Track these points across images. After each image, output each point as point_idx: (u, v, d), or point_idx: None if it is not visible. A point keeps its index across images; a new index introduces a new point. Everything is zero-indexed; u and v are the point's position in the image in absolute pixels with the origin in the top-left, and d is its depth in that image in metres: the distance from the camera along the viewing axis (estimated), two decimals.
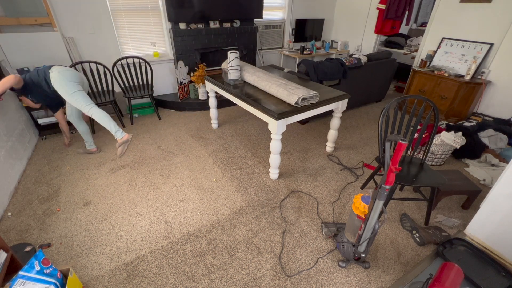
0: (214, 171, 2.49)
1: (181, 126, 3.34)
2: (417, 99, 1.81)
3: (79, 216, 1.98)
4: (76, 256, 1.67)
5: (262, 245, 1.76)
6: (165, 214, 2.00)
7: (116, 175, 2.42)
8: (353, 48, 4.94)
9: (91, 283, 1.52)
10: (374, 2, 4.31)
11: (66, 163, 2.59)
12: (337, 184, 2.34)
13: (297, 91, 2.11)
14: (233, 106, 3.93)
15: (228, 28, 3.83)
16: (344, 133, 3.21)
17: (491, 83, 3.21)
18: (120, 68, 3.25)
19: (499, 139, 2.65)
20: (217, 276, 1.56)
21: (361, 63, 3.38)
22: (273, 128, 2.08)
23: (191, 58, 3.78)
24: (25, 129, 2.78)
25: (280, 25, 4.65)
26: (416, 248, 1.76)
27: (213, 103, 3.08)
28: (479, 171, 2.50)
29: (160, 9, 3.47)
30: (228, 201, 2.13)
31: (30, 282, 1.19)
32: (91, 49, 3.23)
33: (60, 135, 3.10)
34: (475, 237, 1.80)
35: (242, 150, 2.82)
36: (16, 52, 2.76)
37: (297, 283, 1.53)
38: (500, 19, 3.01)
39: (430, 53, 3.70)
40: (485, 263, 1.62)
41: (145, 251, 1.71)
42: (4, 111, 2.46)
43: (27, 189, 2.25)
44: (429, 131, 2.62)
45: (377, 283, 1.54)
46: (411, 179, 1.74)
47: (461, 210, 2.09)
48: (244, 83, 2.67)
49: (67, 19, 2.96)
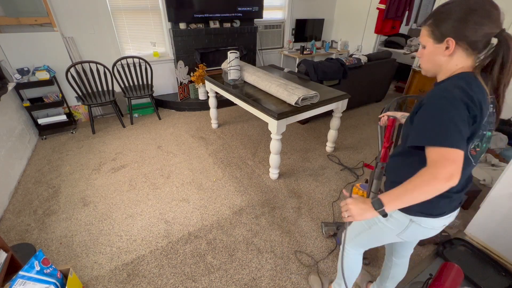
0: (214, 171, 2.49)
1: (181, 126, 3.34)
2: (417, 99, 1.81)
3: (79, 216, 1.98)
4: (76, 256, 1.67)
5: (262, 245, 1.76)
6: (165, 214, 2.00)
7: (116, 175, 2.42)
8: (353, 48, 4.94)
9: (91, 283, 1.52)
10: (374, 2, 4.31)
11: (66, 163, 2.59)
12: (337, 184, 2.34)
13: (297, 91, 2.11)
14: (233, 106, 3.93)
15: (228, 28, 3.83)
16: (344, 133, 3.21)
17: None
18: (120, 68, 3.25)
19: (499, 139, 2.65)
20: (217, 276, 1.56)
21: (361, 63, 3.38)
22: (273, 128, 2.08)
23: (191, 58, 3.78)
24: (25, 129, 2.78)
25: (280, 25, 4.65)
26: (416, 248, 1.75)
27: (213, 103, 3.08)
28: (479, 171, 2.50)
29: (160, 9, 3.47)
30: (228, 201, 2.13)
31: (30, 282, 1.19)
32: (91, 49, 3.23)
33: (60, 135, 3.10)
34: (475, 237, 1.80)
35: (242, 150, 2.82)
36: (16, 52, 2.76)
37: (297, 283, 1.53)
38: None
39: None
40: (485, 263, 1.62)
41: (145, 251, 1.71)
42: (4, 111, 2.46)
43: (27, 189, 2.25)
44: None
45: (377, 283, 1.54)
46: None
47: (461, 210, 2.09)
48: (244, 83, 2.67)
49: (67, 19, 2.96)
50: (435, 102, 0.72)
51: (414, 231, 0.91)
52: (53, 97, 2.99)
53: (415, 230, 0.90)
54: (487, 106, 0.74)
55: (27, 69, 2.76)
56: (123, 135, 3.11)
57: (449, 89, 0.71)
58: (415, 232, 0.91)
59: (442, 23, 0.74)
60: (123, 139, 3.03)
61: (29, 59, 2.84)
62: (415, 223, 0.88)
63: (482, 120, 0.73)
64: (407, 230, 0.91)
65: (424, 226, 0.88)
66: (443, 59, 0.77)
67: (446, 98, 0.70)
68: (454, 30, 0.72)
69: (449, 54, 0.75)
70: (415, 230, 0.90)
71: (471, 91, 0.70)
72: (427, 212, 0.85)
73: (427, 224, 0.88)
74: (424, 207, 0.82)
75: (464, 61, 0.75)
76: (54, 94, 3.02)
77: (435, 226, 0.89)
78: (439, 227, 0.90)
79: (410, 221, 0.88)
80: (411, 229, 0.90)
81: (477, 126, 0.72)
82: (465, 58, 0.75)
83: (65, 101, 3.17)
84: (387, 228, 0.95)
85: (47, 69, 2.83)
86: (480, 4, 0.69)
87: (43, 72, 2.76)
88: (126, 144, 2.93)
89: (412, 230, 0.90)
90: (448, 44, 0.74)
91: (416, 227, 0.88)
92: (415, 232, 0.91)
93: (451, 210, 0.88)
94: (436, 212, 0.86)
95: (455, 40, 0.73)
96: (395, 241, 1.00)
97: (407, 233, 0.92)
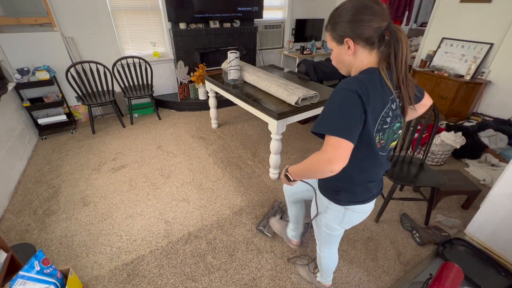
0: (214, 171, 2.49)
1: (181, 126, 3.34)
2: None
3: (79, 216, 1.98)
4: (76, 256, 1.67)
5: (262, 245, 1.76)
6: (165, 214, 2.00)
7: (116, 175, 2.42)
8: None
9: (91, 283, 1.52)
10: None
11: (66, 163, 2.59)
12: None
13: (297, 91, 2.11)
14: (233, 106, 3.93)
15: (228, 28, 3.83)
16: None
17: (491, 83, 3.21)
18: (120, 68, 3.25)
19: (499, 139, 2.65)
20: (217, 276, 1.56)
21: None
22: (273, 128, 2.08)
23: (191, 58, 3.78)
24: (25, 129, 2.78)
25: (280, 25, 4.65)
26: (416, 248, 1.76)
27: (213, 103, 3.08)
28: (479, 171, 2.50)
29: (160, 9, 3.47)
30: (228, 201, 2.13)
31: (30, 282, 1.19)
32: (91, 49, 3.23)
33: (60, 135, 3.10)
34: (475, 237, 1.80)
35: (242, 150, 2.82)
36: (16, 52, 2.76)
37: (297, 283, 1.53)
38: (500, 19, 3.00)
39: (430, 53, 3.70)
40: (485, 263, 1.62)
41: (145, 251, 1.71)
42: (4, 111, 2.46)
43: (27, 189, 2.25)
44: (429, 131, 2.61)
45: (377, 283, 1.54)
46: (411, 179, 1.74)
47: (461, 210, 2.09)
48: (244, 83, 2.67)
49: (67, 19, 2.96)
50: (332, 95, 0.78)
51: (351, 217, 1.05)
52: (53, 97, 2.99)
53: (351, 216, 1.04)
54: (388, 100, 0.80)
55: (27, 69, 2.76)
56: (123, 135, 3.11)
57: (348, 82, 0.77)
58: (352, 218, 1.05)
59: (337, 27, 0.80)
60: (123, 139, 3.03)
61: (29, 59, 2.84)
62: (349, 210, 1.02)
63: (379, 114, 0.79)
64: (345, 218, 1.04)
65: (357, 212, 1.03)
66: (349, 58, 0.84)
67: (344, 90, 0.76)
68: (348, 31, 0.78)
69: (352, 53, 0.82)
70: (351, 216, 1.04)
71: (369, 85, 0.76)
72: (355, 200, 0.99)
73: (359, 209, 1.02)
74: (351, 197, 0.98)
75: (368, 57, 0.81)
76: (54, 94, 3.02)
77: (365, 210, 1.04)
78: (368, 210, 1.06)
79: (345, 209, 1.02)
80: (348, 216, 1.04)
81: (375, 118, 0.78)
82: (368, 54, 0.81)
83: (65, 101, 3.17)
84: (330, 221, 1.09)
85: (47, 69, 2.83)
86: (363, 3, 0.76)
87: (43, 72, 2.76)
88: (126, 144, 2.93)
89: (349, 217, 1.04)
90: (348, 44, 0.80)
91: (351, 213, 1.03)
92: (351, 218, 1.05)
93: (374, 197, 1.03)
94: (362, 199, 0.99)
95: (352, 40, 0.79)
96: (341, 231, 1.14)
97: (346, 220, 1.05)
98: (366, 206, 1.02)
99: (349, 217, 1.04)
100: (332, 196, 1.01)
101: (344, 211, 1.02)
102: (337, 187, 0.98)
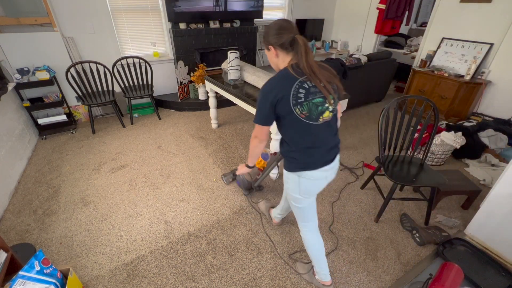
0: (214, 171, 2.49)
1: (181, 126, 3.34)
2: (417, 99, 1.81)
3: (79, 216, 1.98)
4: (76, 256, 1.67)
5: (262, 245, 1.76)
6: (165, 214, 2.00)
7: (116, 175, 2.42)
8: (353, 48, 4.94)
9: (91, 283, 1.52)
10: (374, 2, 4.31)
11: (66, 163, 2.59)
12: (337, 184, 2.34)
13: None
14: (233, 106, 3.92)
15: (228, 28, 3.82)
16: (344, 133, 3.21)
17: (491, 83, 3.21)
18: (120, 68, 3.25)
19: (499, 139, 2.65)
20: (217, 276, 1.56)
21: (361, 63, 3.38)
22: (272, 128, 2.08)
23: (191, 58, 3.78)
24: (25, 129, 2.78)
25: None
26: (416, 248, 1.76)
27: (213, 103, 3.08)
28: (479, 171, 2.50)
29: (160, 9, 3.47)
30: (228, 201, 2.13)
31: (30, 282, 1.19)
32: (91, 49, 3.23)
33: (60, 135, 3.10)
34: (475, 237, 1.80)
35: (242, 150, 2.82)
36: (16, 52, 2.75)
37: (297, 283, 1.53)
38: (500, 19, 3.00)
39: (430, 53, 3.70)
40: (485, 263, 1.62)
41: (145, 251, 1.71)
42: (4, 111, 2.46)
43: (27, 189, 2.25)
44: (429, 131, 2.61)
45: (377, 283, 1.54)
46: (411, 179, 1.74)
47: (461, 210, 2.09)
48: (244, 83, 2.67)
49: (67, 19, 2.96)
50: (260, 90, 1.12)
51: (306, 185, 1.21)
52: (53, 97, 2.99)
53: (305, 183, 1.20)
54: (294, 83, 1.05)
55: (27, 69, 2.76)
56: (123, 135, 3.11)
57: (264, 85, 1.10)
58: (306, 186, 1.21)
59: (265, 39, 1.14)
60: (123, 139, 3.03)
61: (29, 59, 2.84)
62: (301, 177, 1.19)
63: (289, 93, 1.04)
64: (301, 186, 1.21)
65: (309, 178, 1.19)
66: (276, 60, 1.16)
67: (261, 92, 1.11)
68: (270, 41, 1.11)
69: (275, 56, 1.14)
70: (305, 184, 1.21)
71: (278, 80, 1.08)
72: (302, 166, 1.17)
73: (310, 176, 1.18)
74: (297, 163, 1.18)
75: (285, 58, 1.13)
76: (54, 94, 3.02)
77: (316, 177, 1.19)
78: (320, 177, 1.20)
79: (298, 176, 1.20)
80: (303, 184, 1.21)
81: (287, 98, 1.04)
82: (285, 56, 1.12)
83: (65, 101, 3.17)
84: (292, 191, 1.27)
85: (47, 69, 2.83)
86: (278, 24, 1.10)
87: (43, 72, 2.76)
88: (126, 144, 2.93)
89: (304, 184, 1.21)
90: (272, 49, 1.13)
91: (304, 180, 1.20)
92: (306, 186, 1.21)
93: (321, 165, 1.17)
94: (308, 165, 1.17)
95: (273, 46, 1.12)
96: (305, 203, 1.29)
97: (302, 188, 1.22)
98: (316, 173, 1.18)
99: (304, 184, 1.21)
100: (286, 167, 1.24)
101: (298, 179, 1.21)
102: (287, 157, 1.21)
